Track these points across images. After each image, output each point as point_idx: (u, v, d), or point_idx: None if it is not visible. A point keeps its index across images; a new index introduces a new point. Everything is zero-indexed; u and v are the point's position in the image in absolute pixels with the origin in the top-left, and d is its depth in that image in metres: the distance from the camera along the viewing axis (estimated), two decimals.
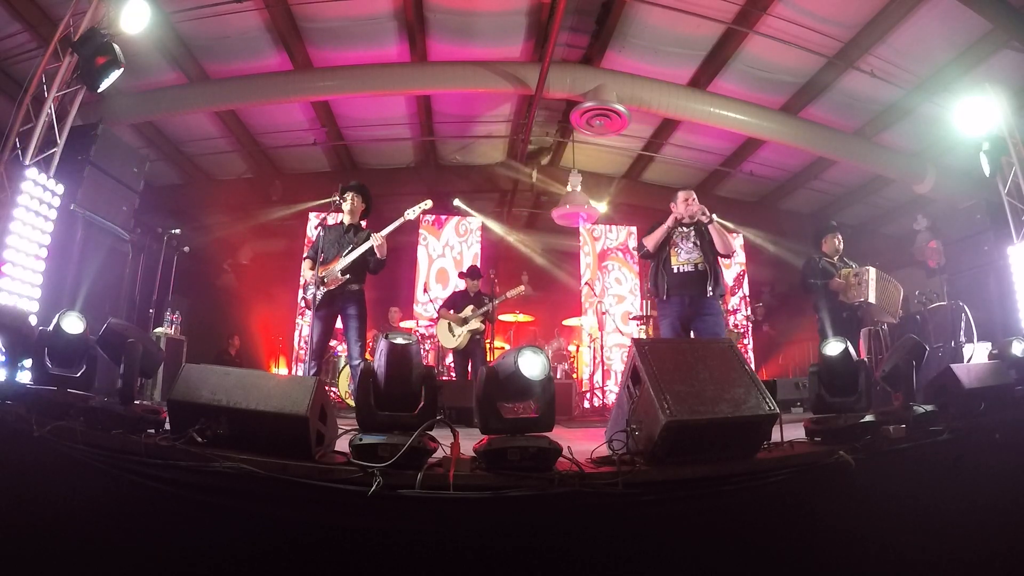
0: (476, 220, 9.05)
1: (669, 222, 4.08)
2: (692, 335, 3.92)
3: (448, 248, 8.90)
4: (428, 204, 4.40)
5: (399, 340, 2.10)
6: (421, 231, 8.76)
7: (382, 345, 2.12)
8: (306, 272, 4.25)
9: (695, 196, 4.15)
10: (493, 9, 5.92)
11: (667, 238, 4.09)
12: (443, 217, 8.91)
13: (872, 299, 4.77)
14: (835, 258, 5.07)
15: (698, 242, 4.03)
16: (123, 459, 2.14)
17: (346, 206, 4.29)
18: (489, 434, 2.10)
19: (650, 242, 4.11)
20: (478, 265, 7.38)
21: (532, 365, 2.08)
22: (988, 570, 2.38)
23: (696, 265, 3.94)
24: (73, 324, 2.60)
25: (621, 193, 9.17)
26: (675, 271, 3.97)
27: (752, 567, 2.18)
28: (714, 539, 2.15)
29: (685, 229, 4.10)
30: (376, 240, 4.04)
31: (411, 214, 4.27)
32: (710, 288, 3.88)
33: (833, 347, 2.68)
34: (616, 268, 8.87)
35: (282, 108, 7.35)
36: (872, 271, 4.86)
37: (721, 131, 7.35)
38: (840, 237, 5.12)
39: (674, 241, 4.07)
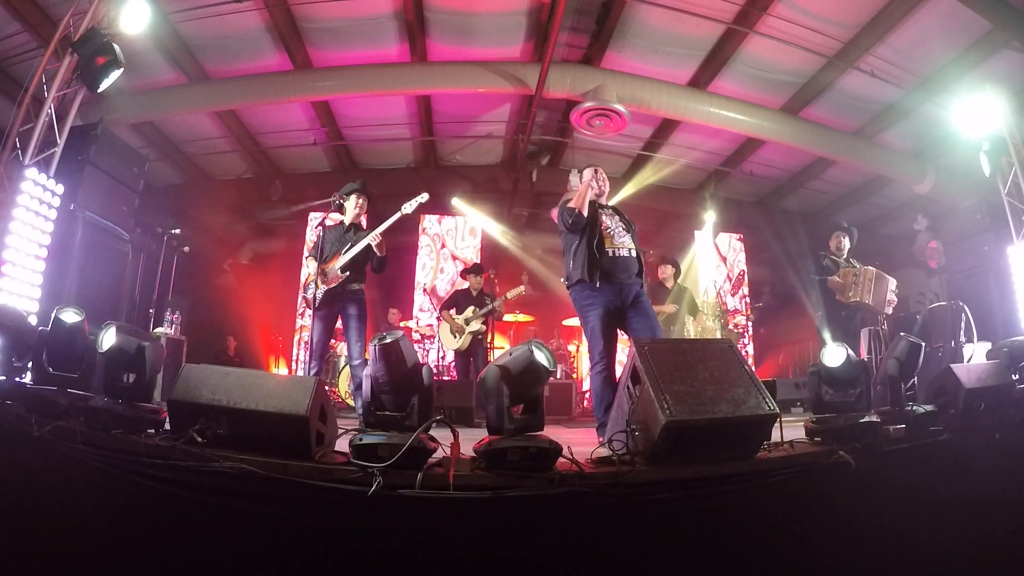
0: (476, 220, 9.06)
1: (585, 187, 3.60)
2: (627, 325, 3.50)
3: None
4: (424, 197, 4.36)
5: (387, 339, 2.10)
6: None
7: (372, 349, 2.12)
8: (308, 270, 4.25)
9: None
10: (493, 9, 5.92)
11: (593, 216, 3.58)
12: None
13: (869, 300, 4.78)
14: (840, 257, 5.08)
15: (626, 226, 3.67)
16: (123, 459, 2.14)
17: (349, 206, 4.30)
18: (502, 435, 2.09)
19: (579, 202, 3.54)
20: (480, 262, 7.38)
21: (545, 357, 2.10)
22: (989, 570, 2.38)
23: (630, 250, 3.58)
24: (70, 317, 2.61)
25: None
26: (610, 254, 3.52)
27: (752, 567, 2.19)
28: (714, 539, 2.15)
29: (609, 209, 3.74)
30: (373, 238, 4.02)
31: (408, 208, 4.26)
32: (641, 278, 3.58)
33: (833, 356, 2.61)
34: None
35: (282, 108, 7.35)
36: (871, 271, 4.87)
37: (721, 131, 7.35)
38: (844, 237, 5.13)
39: (603, 222, 3.61)
